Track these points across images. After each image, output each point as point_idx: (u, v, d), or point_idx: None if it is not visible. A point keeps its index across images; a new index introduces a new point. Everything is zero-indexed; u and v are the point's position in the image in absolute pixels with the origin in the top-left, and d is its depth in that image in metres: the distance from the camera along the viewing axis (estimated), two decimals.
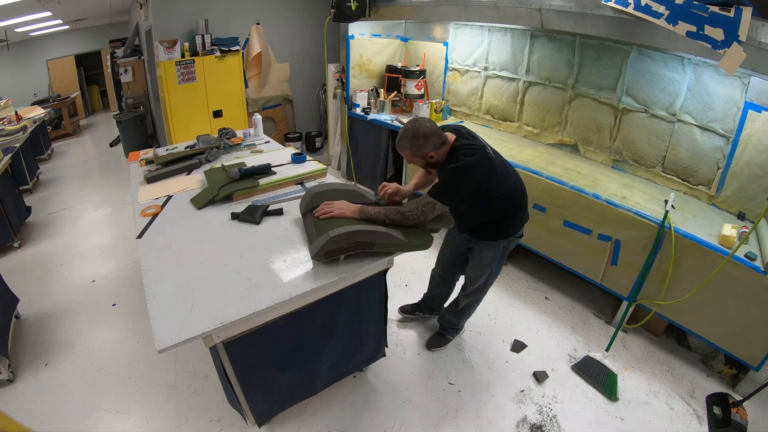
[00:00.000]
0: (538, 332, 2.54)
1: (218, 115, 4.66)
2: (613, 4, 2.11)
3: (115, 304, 2.78)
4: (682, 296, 2.15)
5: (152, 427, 1.95)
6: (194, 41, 4.34)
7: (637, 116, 2.78)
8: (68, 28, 7.47)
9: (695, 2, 1.83)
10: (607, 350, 2.28)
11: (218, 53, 4.43)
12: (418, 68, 4.00)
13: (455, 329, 2.42)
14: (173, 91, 4.29)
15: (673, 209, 2.23)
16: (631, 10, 2.04)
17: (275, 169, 2.42)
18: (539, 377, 2.21)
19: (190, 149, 2.79)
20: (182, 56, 4.26)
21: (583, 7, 2.27)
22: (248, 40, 4.91)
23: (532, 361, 2.33)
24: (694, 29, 1.86)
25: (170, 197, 2.18)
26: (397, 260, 1.79)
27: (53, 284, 3.02)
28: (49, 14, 5.55)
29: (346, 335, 1.88)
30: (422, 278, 3.02)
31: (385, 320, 2.05)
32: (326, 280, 1.53)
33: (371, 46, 4.23)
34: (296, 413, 1.99)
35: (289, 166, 2.51)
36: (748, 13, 1.72)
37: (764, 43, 1.73)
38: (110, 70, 7.47)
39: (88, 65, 8.78)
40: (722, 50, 1.80)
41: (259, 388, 1.72)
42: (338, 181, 2.30)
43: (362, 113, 4.11)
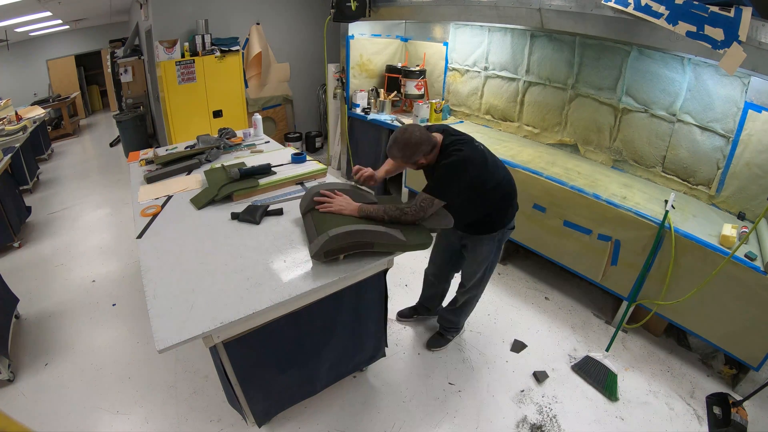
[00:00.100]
0: (538, 332, 2.54)
1: (218, 115, 4.66)
2: (613, 4, 2.11)
3: (115, 304, 2.78)
4: (682, 296, 2.16)
5: (152, 427, 1.95)
6: (194, 41, 4.34)
7: (637, 116, 2.78)
8: (68, 28, 7.47)
9: (695, 2, 1.83)
10: (607, 350, 2.28)
11: (218, 53, 4.43)
12: (418, 68, 4.00)
13: (455, 329, 2.42)
14: (173, 91, 4.29)
15: (673, 209, 2.23)
16: (631, 10, 2.04)
17: (275, 169, 2.42)
18: (539, 377, 2.21)
19: (190, 149, 2.79)
20: (182, 56, 4.26)
21: (583, 7, 2.27)
22: (248, 40, 4.91)
23: (532, 361, 2.33)
24: (694, 29, 1.86)
25: (170, 197, 2.18)
26: (397, 260, 1.79)
27: (53, 284, 3.02)
28: (49, 14, 5.55)
29: (346, 335, 1.88)
30: (422, 278, 3.02)
31: (385, 320, 2.05)
32: (326, 280, 1.53)
33: (371, 46, 4.23)
34: (296, 413, 1.99)
35: (289, 166, 2.51)
36: (748, 13, 1.72)
37: (764, 43, 1.73)
38: (110, 70, 7.47)
39: (88, 65, 8.78)
40: (722, 50, 1.80)
41: (259, 388, 1.72)
42: (338, 180, 2.30)
43: (362, 113, 4.11)
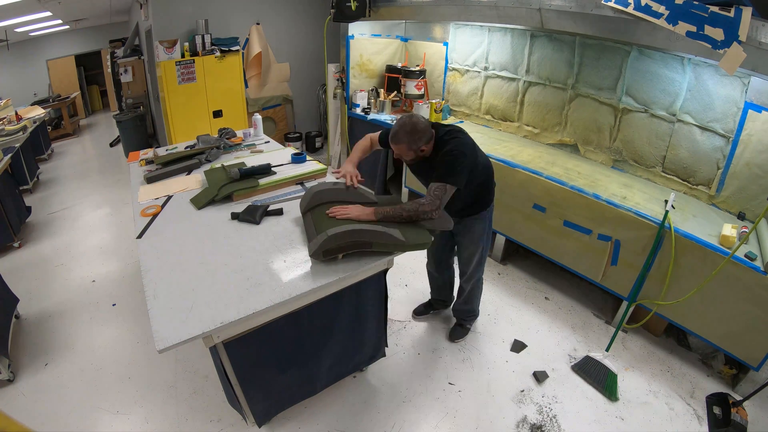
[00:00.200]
0: (538, 332, 2.54)
1: (218, 115, 4.66)
2: (613, 4, 2.11)
3: (115, 304, 2.78)
4: (682, 296, 2.16)
5: (152, 427, 1.95)
6: (194, 41, 4.34)
7: (637, 116, 2.78)
8: (68, 28, 7.47)
9: (695, 2, 1.83)
10: (607, 350, 2.28)
11: (218, 53, 4.43)
12: (418, 68, 4.00)
13: (472, 315, 2.50)
14: (173, 91, 4.29)
15: (673, 209, 2.22)
16: (631, 10, 2.04)
17: (275, 169, 2.42)
18: (539, 377, 2.21)
19: (190, 149, 2.79)
20: (182, 56, 4.26)
21: (583, 7, 2.27)
22: (248, 40, 4.91)
23: (532, 361, 2.33)
24: (694, 29, 1.86)
25: (170, 197, 2.18)
26: (397, 260, 1.79)
27: (53, 284, 3.02)
28: (49, 14, 5.55)
29: (346, 335, 1.88)
30: (422, 278, 3.02)
31: (385, 320, 2.05)
32: (326, 280, 1.53)
33: (371, 46, 4.24)
34: (296, 413, 1.99)
35: (289, 166, 2.51)
36: (748, 13, 1.72)
37: (764, 43, 1.73)
38: (110, 70, 7.48)
39: (88, 65, 8.78)
40: (722, 50, 1.80)
41: (259, 388, 1.72)
42: (338, 180, 2.30)
43: (362, 113, 4.11)
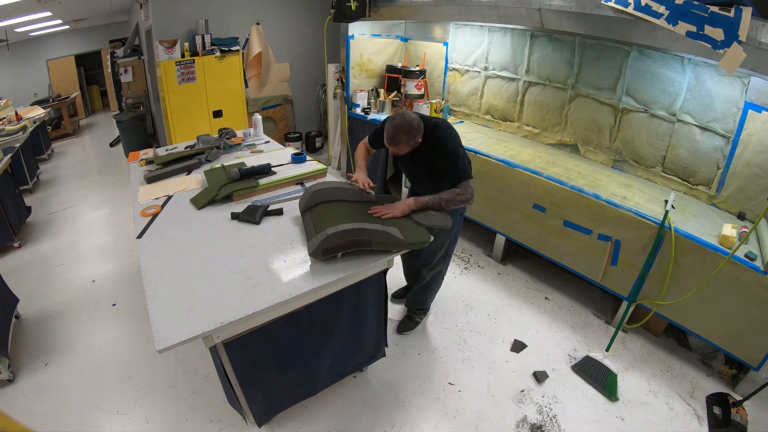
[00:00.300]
0: (538, 332, 2.54)
1: (218, 115, 4.66)
2: (613, 4, 2.11)
3: (115, 304, 2.78)
4: (682, 296, 2.16)
5: (152, 427, 1.95)
6: (194, 41, 4.34)
7: (637, 116, 2.78)
8: (68, 28, 7.46)
9: (695, 2, 1.83)
10: (607, 350, 2.28)
11: (218, 53, 4.43)
12: (418, 68, 4.00)
13: (423, 309, 2.48)
14: (173, 91, 4.28)
15: (673, 209, 2.22)
16: (631, 10, 2.04)
17: (275, 169, 2.42)
18: (539, 377, 2.21)
19: (190, 149, 2.79)
20: (182, 56, 4.26)
21: (583, 7, 2.27)
22: (248, 40, 4.91)
23: (532, 361, 2.33)
24: (694, 29, 1.86)
25: (170, 197, 2.18)
26: (397, 260, 1.79)
27: (53, 284, 3.02)
28: (49, 14, 5.55)
29: (346, 335, 1.88)
30: None
31: (385, 320, 2.05)
32: (326, 280, 1.53)
33: (371, 46, 4.23)
34: (296, 413, 1.99)
35: (289, 166, 2.51)
36: (748, 13, 1.72)
37: (764, 43, 1.73)
38: (110, 70, 7.47)
39: (88, 65, 8.78)
40: (722, 50, 1.80)
41: (259, 388, 1.72)
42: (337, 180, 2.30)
43: (362, 113, 4.11)
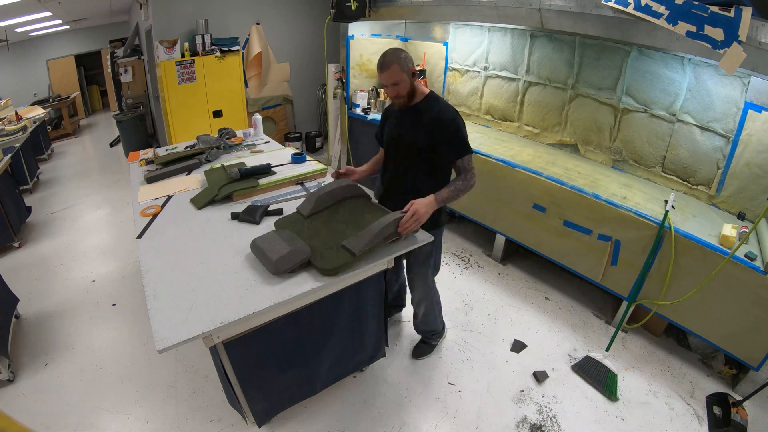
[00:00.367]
0: (538, 332, 2.54)
1: (218, 115, 4.66)
2: (613, 4, 2.11)
3: (115, 304, 2.78)
4: (682, 296, 2.16)
5: (152, 427, 1.95)
6: (194, 41, 4.34)
7: (637, 116, 2.78)
8: (68, 28, 7.47)
9: (695, 2, 1.83)
10: (607, 350, 2.28)
11: (218, 53, 4.43)
12: (418, 68, 4.00)
13: (436, 334, 2.37)
14: (173, 91, 4.29)
15: (673, 209, 2.22)
16: (631, 10, 2.04)
17: (275, 169, 2.42)
18: (539, 377, 2.21)
19: (190, 149, 2.79)
20: (182, 56, 4.26)
21: (583, 7, 2.27)
22: (248, 40, 4.91)
23: (532, 361, 2.33)
24: (694, 29, 1.86)
25: (170, 197, 2.18)
26: None
27: (53, 284, 3.02)
28: (49, 14, 5.55)
29: (346, 335, 1.88)
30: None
31: (385, 320, 2.05)
32: (326, 280, 1.52)
33: (371, 46, 4.23)
34: (296, 413, 1.99)
35: (289, 166, 2.51)
36: (748, 13, 1.72)
37: (764, 43, 1.73)
38: (110, 70, 7.47)
39: (88, 65, 8.78)
40: (722, 50, 1.80)
41: (259, 388, 1.72)
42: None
43: (362, 113, 4.11)
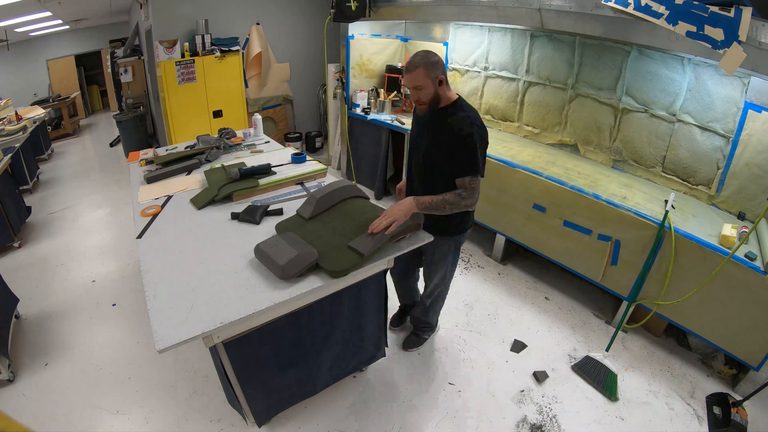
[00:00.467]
0: (538, 332, 2.54)
1: (218, 115, 4.66)
2: (613, 4, 2.11)
3: (115, 304, 2.78)
4: (682, 296, 2.16)
5: (152, 427, 1.95)
6: (194, 41, 4.34)
7: (637, 116, 2.78)
8: (68, 28, 7.47)
9: (695, 2, 1.83)
10: (607, 350, 2.28)
11: (218, 53, 4.43)
12: None
13: (429, 327, 2.41)
14: (173, 91, 4.29)
15: (672, 209, 2.22)
16: (631, 10, 2.04)
17: (275, 169, 2.42)
18: (539, 377, 2.21)
19: (190, 149, 2.79)
20: (182, 56, 4.26)
21: (583, 7, 2.27)
22: (248, 40, 4.91)
23: (532, 361, 2.33)
24: (694, 29, 1.86)
25: (170, 197, 2.18)
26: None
27: (53, 284, 3.02)
28: (49, 14, 5.55)
29: (346, 335, 1.88)
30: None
31: (385, 320, 2.05)
32: (326, 280, 1.52)
33: (371, 46, 4.23)
34: (296, 413, 1.99)
35: (289, 166, 2.51)
36: (748, 13, 1.72)
37: (764, 43, 1.73)
38: (110, 70, 7.48)
39: (88, 65, 8.78)
40: (722, 50, 1.80)
41: (259, 388, 1.72)
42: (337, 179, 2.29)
43: (362, 113, 4.11)
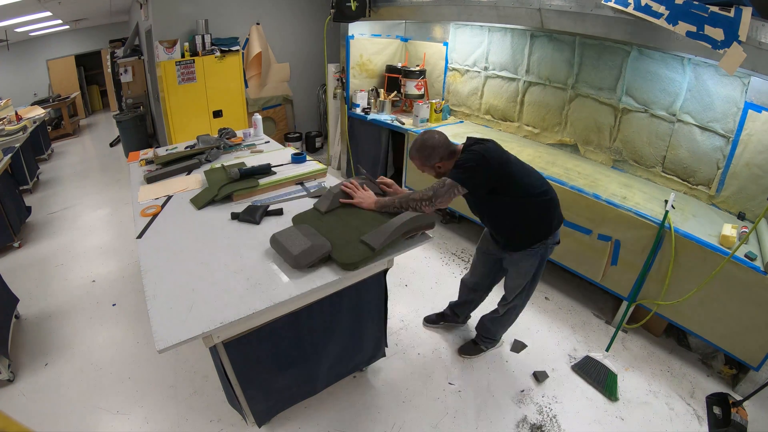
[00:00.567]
0: (538, 332, 2.54)
1: (218, 115, 4.66)
2: (613, 4, 2.11)
3: (115, 304, 2.78)
4: (682, 296, 2.16)
5: (152, 427, 1.95)
6: (194, 41, 4.35)
7: (637, 116, 2.78)
8: (68, 28, 7.47)
9: (695, 2, 1.83)
10: (607, 350, 2.28)
11: (218, 53, 4.43)
12: (418, 68, 4.00)
13: (492, 340, 2.32)
14: (173, 91, 4.29)
15: (672, 209, 2.22)
16: (631, 10, 2.04)
17: (275, 169, 2.42)
18: (539, 377, 2.21)
19: (190, 149, 2.79)
20: (182, 56, 4.26)
21: (583, 7, 2.27)
22: (248, 40, 4.91)
23: (532, 361, 2.33)
24: (694, 29, 1.86)
25: (170, 197, 2.18)
26: (397, 260, 1.79)
27: (53, 284, 3.02)
28: (49, 14, 5.56)
29: (346, 335, 1.88)
30: (422, 278, 3.02)
31: (385, 320, 2.05)
32: (326, 280, 1.52)
33: (371, 46, 4.23)
34: (296, 413, 1.99)
35: (289, 166, 2.51)
36: (748, 13, 1.72)
37: (764, 43, 1.73)
38: (110, 70, 7.48)
39: (88, 65, 8.78)
40: (722, 50, 1.80)
41: (259, 388, 1.72)
42: (338, 180, 2.29)
43: (362, 113, 4.11)
